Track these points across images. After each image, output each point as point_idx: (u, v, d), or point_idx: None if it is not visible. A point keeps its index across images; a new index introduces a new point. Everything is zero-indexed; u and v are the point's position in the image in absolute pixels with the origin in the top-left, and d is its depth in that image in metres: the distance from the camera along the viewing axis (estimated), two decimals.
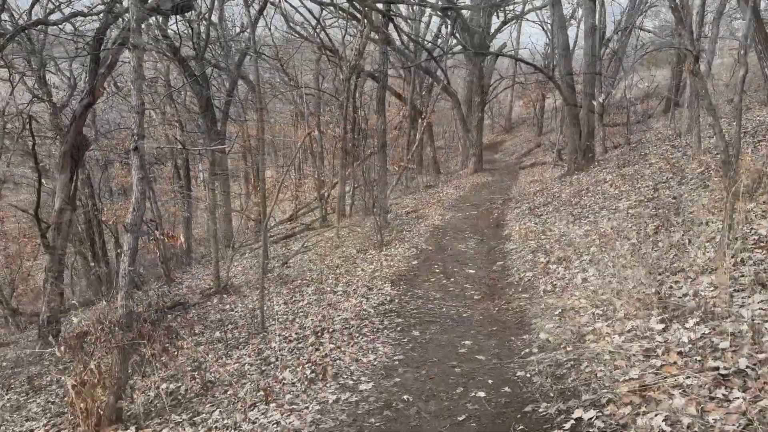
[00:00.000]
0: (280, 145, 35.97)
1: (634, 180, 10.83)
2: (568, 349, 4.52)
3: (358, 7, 18.83)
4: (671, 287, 4.92)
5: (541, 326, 5.36)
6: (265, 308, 10.22)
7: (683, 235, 6.30)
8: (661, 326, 4.24)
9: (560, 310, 5.57)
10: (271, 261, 15.75)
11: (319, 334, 6.65)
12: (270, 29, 20.73)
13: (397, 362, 5.26)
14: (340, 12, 19.79)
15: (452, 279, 8.57)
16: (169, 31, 17.60)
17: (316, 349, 5.91)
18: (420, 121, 22.75)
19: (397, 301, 7.64)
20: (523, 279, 7.53)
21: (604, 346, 4.23)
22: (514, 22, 22.82)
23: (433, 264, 9.73)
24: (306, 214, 25.52)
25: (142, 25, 7.37)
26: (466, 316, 6.57)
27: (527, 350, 4.98)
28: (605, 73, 17.57)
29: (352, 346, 5.79)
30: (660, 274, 5.29)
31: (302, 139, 15.95)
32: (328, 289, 9.91)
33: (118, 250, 23.18)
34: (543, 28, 25.02)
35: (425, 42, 29.43)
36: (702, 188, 8.58)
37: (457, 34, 22.28)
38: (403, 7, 26.90)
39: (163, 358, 5.87)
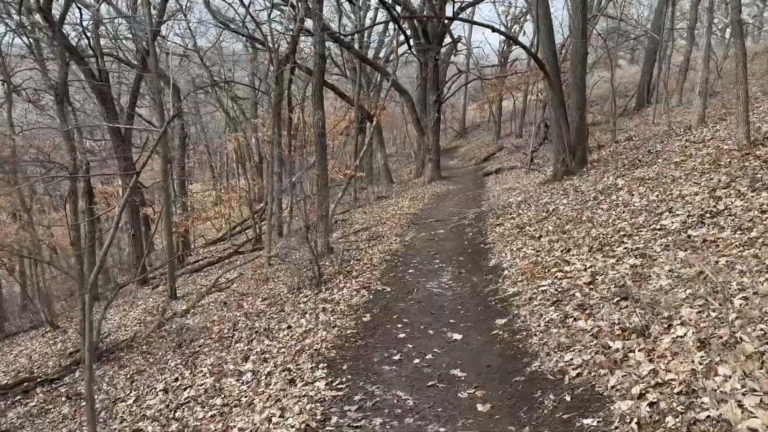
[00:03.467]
0: (215, 154, 31.70)
1: (665, 185, 7.57)
2: None
3: None
4: None
5: None
6: (131, 402, 6.33)
7: None
8: None
9: None
10: (178, 301, 11.75)
11: None
12: (186, 15, 16.67)
13: None
14: None
15: (429, 356, 4.96)
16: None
17: None
18: (369, 123, 19.20)
19: (333, 422, 3.96)
20: (565, 371, 3.98)
21: None
22: (470, 10, 19.63)
23: (394, 321, 6.10)
24: (242, 233, 21.46)
25: None
26: None
27: None
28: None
29: None
30: None
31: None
32: (232, 366, 6.11)
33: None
34: (499, 21, 22.01)
35: (372, 39, 26.03)
36: None
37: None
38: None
39: None
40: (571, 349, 4.23)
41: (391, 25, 24.34)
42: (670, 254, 5.26)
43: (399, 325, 5.91)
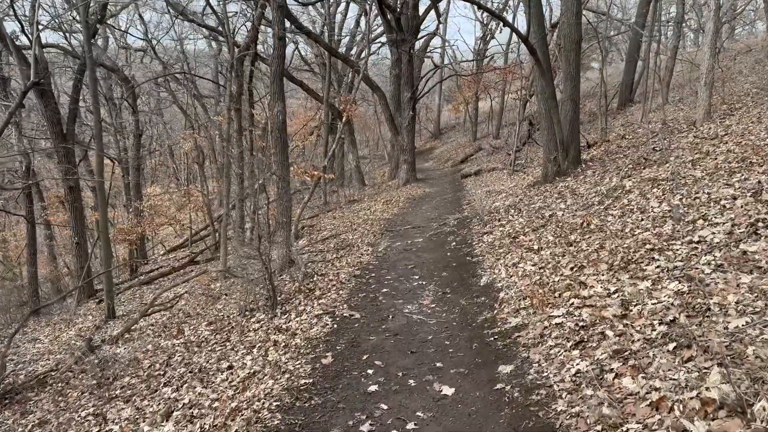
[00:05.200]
0: (181, 155, 29.82)
1: (687, 187, 6.27)
2: None
3: None
4: None
5: None
6: None
7: None
8: None
9: None
10: (117, 321, 10.04)
11: None
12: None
13: None
14: None
15: (411, 424, 3.50)
16: None
17: None
18: (340, 122, 17.70)
19: None
20: None
21: None
22: (443, 6, 18.30)
23: (363, 364, 4.61)
24: (203, 240, 19.64)
25: None
26: None
27: None
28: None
29: None
30: None
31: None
32: (148, 428, 4.53)
33: None
34: (475, 17, 20.81)
35: (344, 34, 24.58)
36: None
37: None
38: None
39: None
40: (625, 429, 2.80)
41: (362, 20, 22.94)
42: (729, 278, 3.89)
43: (370, 371, 4.42)
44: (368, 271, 7.72)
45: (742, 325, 3.23)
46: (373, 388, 4.11)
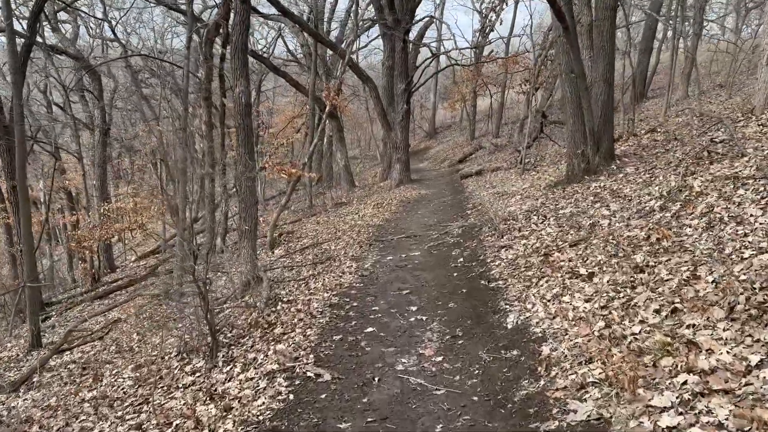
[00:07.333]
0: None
1: None
2: None
3: None
4: None
5: None
6: None
7: None
8: None
9: None
10: (41, 351, 7.99)
11: None
12: None
13: None
14: None
15: None
16: None
17: None
18: (323, 114, 15.71)
19: None
20: None
21: None
22: None
23: None
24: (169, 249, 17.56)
25: None
26: None
27: None
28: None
29: None
30: None
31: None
32: None
33: None
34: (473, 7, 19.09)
35: (333, 27, 22.64)
36: None
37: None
38: None
39: None
40: None
41: (353, 8, 20.99)
42: None
43: None
44: (349, 298, 5.74)
45: None
46: None
